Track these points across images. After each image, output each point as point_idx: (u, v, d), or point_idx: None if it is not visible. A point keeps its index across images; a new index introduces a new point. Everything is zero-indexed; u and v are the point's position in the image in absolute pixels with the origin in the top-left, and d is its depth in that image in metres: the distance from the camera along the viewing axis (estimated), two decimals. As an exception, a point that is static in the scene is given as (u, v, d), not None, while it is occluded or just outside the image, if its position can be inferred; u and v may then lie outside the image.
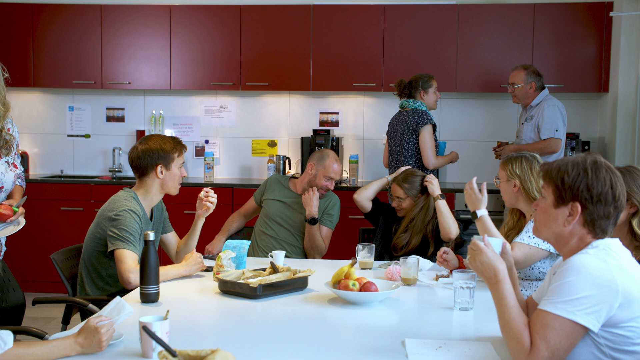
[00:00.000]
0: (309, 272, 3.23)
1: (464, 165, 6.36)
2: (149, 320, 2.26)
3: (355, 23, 6.38)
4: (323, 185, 4.49)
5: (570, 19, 6.22)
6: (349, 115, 6.80)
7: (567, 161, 2.25)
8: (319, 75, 6.44)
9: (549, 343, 2.05)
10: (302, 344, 2.49)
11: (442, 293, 3.27)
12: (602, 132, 6.42)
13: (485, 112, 6.66)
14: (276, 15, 6.46)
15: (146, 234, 2.97)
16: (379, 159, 6.68)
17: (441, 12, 6.32)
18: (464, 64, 6.31)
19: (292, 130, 6.84)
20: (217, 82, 6.57)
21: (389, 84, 6.33)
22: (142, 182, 3.59)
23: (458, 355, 2.29)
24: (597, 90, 6.26)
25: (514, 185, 3.47)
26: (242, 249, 3.50)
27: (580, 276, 2.07)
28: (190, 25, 6.55)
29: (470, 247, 2.30)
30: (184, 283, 3.37)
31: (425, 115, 5.32)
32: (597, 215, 2.18)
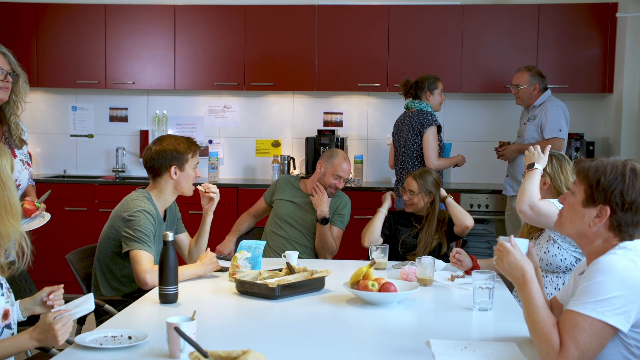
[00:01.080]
0: (326, 272, 3.23)
1: (468, 166, 6.34)
2: (177, 320, 2.25)
3: (360, 23, 6.38)
4: (332, 184, 4.51)
5: (574, 19, 6.23)
6: (353, 115, 6.80)
7: (606, 163, 2.24)
8: (323, 76, 6.44)
9: (579, 343, 2.06)
10: (324, 345, 2.49)
11: (458, 293, 3.28)
12: (606, 132, 6.43)
13: (489, 113, 6.67)
14: (281, 15, 6.45)
15: (165, 235, 2.97)
16: (383, 160, 6.69)
17: (446, 13, 6.32)
18: (468, 65, 6.32)
19: (296, 131, 6.84)
20: (222, 82, 6.56)
21: (393, 84, 6.34)
22: (156, 182, 3.58)
23: (484, 355, 2.29)
24: (601, 91, 6.28)
25: (544, 183, 3.47)
26: (258, 249, 3.50)
27: (609, 276, 2.08)
28: (195, 25, 6.53)
29: (497, 248, 2.30)
30: (199, 283, 3.36)
31: (430, 116, 5.32)
32: (625, 222, 2.19)
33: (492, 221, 6.16)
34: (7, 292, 2.48)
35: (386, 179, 6.70)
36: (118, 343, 2.38)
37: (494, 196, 6.12)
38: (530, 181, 3.38)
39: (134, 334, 2.43)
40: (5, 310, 2.43)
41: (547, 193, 3.47)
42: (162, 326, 2.60)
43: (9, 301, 2.46)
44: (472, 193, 6.14)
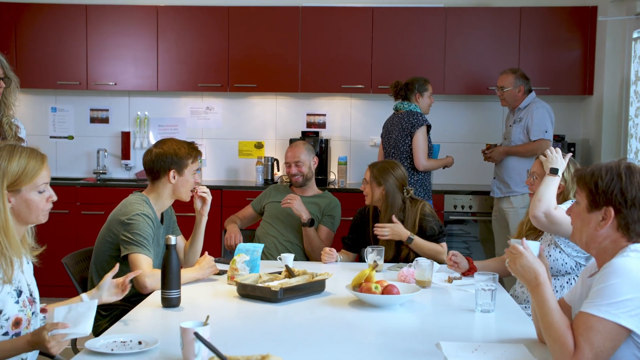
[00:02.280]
0: (327, 275, 3.24)
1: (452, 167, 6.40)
2: (190, 325, 2.24)
3: (344, 25, 6.40)
4: (288, 172, 4.67)
5: (555, 22, 6.31)
6: (336, 117, 6.81)
7: (600, 166, 2.29)
8: (307, 77, 6.44)
9: (593, 345, 2.08)
10: (332, 348, 2.50)
11: (457, 295, 3.30)
12: (586, 134, 6.53)
13: (472, 114, 6.73)
14: (264, 17, 6.44)
15: (168, 238, 2.95)
16: (366, 161, 6.62)
17: (429, 15, 6.36)
18: (451, 67, 6.36)
19: (279, 132, 6.83)
20: (205, 83, 6.54)
21: (377, 86, 6.37)
22: (154, 186, 3.56)
23: (496, 357, 2.32)
24: (581, 93, 6.37)
25: (558, 188, 3.43)
26: (256, 252, 3.50)
27: (623, 279, 2.11)
28: (178, 26, 6.50)
29: (509, 250, 2.33)
30: (198, 287, 3.35)
31: (420, 116, 5.36)
32: (632, 219, 2.22)
33: (475, 222, 6.20)
34: (28, 301, 2.46)
35: (370, 181, 6.71)
36: (129, 348, 2.37)
37: (477, 197, 6.18)
38: (549, 187, 3.31)
39: (144, 339, 2.42)
40: (17, 318, 2.40)
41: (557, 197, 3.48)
42: (170, 330, 2.61)
43: (24, 310, 2.43)
44: (456, 194, 6.19)
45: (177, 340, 2.35)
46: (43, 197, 2.53)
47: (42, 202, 2.53)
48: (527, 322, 2.83)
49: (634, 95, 5.74)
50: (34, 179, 2.47)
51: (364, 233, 4.24)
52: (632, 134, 5.76)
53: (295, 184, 4.65)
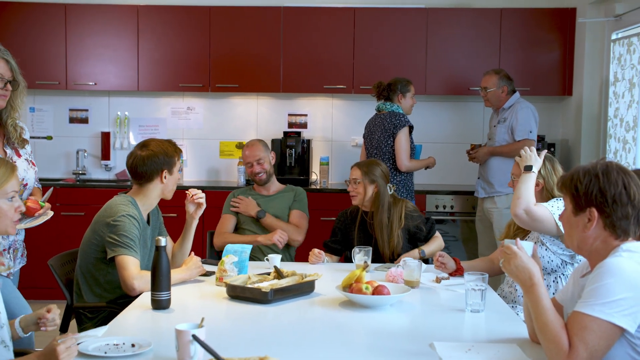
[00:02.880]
0: (317, 276, 3.24)
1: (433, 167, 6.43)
2: (185, 327, 2.23)
3: (326, 25, 6.40)
4: (250, 172, 4.69)
5: (535, 24, 6.37)
6: (317, 117, 6.81)
7: (579, 169, 2.34)
8: (289, 77, 6.43)
9: (588, 345, 2.10)
10: (325, 348, 2.50)
11: (445, 295, 3.32)
12: (565, 134, 6.59)
13: (453, 115, 6.77)
14: (246, 17, 6.42)
15: (158, 240, 2.94)
16: (348, 161, 6.71)
17: (410, 16, 6.39)
18: (432, 67, 6.39)
19: (260, 132, 6.82)
20: (186, 83, 6.51)
21: (359, 86, 6.38)
22: (144, 187, 3.52)
23: (489, 357, 2.33)
24: (561, 94, 6.43)
25: (537, 185, 3.50)
26: (244, 253, 3.49)
27: (616, 278, 2.14)
28: (159, 25, 6.46)
29: (504, 250, 2.34)
30: (186, 288, 3.33)
31: (402, 117, 5.38)
32: (616, 217, 2.25)
33: (454, 222, 6.23)
34: None
35: (351, 181, 6.72)
36: (122, 351, 2.35)
37: (459, 197, 6.21)
38: (526, 184, 3.40)
39: (137, 342, 2.40)
40: None
41: (538, 195, 3.52)
42: (163, 332, 2.61)
43: None
44: (437, 194, 6.22)
45: (171, 342, 2.34)
46: (12, 206, 2.52)
47: (11, 211, 2.53)
48: (517, 322, 2.85)
49: (612, 96, 5.81)
50: (3, 186, 2.48)
51: (348, 237, 4.24)
52: (611, 134, 5.83)
53: (260, 182, 4.67)
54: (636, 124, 5.35)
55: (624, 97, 5.59)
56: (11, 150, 3.28)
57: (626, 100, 5.56)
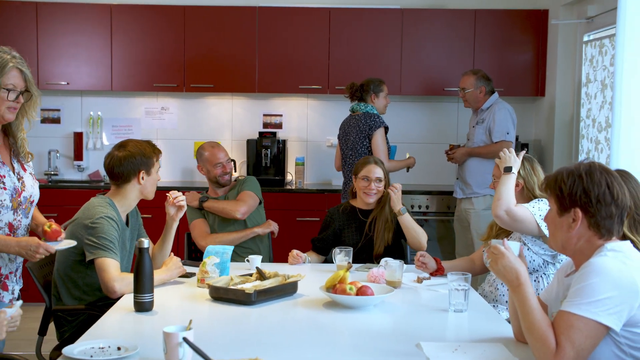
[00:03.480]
0: (300, 276, 3.23)
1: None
2: (173, 330, 2.21)
3: (301, 26, 6.40)
4: (219, 173, 4.61)
5: (508, 25, 6.43)
6: (292, 117, 6.81)
7: (563, 170, 2.37)
8: (264, 77, 6.42)
9: (575, 343, 2.13)
10: (311, 349, 2.50)
11: (427, 295, 3.33)
12: (538, 134, 6.66)
13: (428, 115, 6.81)
14: (221, 17, 6.40)
15: (140, 242, 2.91)
16: (323, 161, 6.75)
17: (386, 16, 6.41)
18: (408, 68, 6.42)
19: (235, 133, 6.80)
20: (161, 83, 6.46)
21: (334, 87, 6.38)
22: (121, 188, 3.49)
23: (476, 357, 2.34)
24: (534, 95, 6.50)
25: (517, 185, 3.54)
26: (226, 254, 3.47)
27: (602, 278, 2.16)
28: (132, 25, 6.40)
29: (491, 250, 2.36)
30: (167, 290, 3.30)
31: (377, 118, 5.40)
32: (600, 216, 2.28)
33: (426, 221, 6.25)
34: None
35: (327, 181, 6.74)
36: (108, 354, 2.32)
37: (434, 197, 6.24)
38: (506, 186, 3.45)
39: (123, 345, 2.38)
40: None
41: (519, 196, 3.56)
42: (147, 335, 2.59)
43: None
44: (413, 194, 6.24)
45: (157, 345, 2.33)
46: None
47: None
48: (500, 322, 2.88)
49: (585, 97, 5.88)
50: None
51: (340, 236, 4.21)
52: (584, 134, 5.90)
53: (226, 183, 4.63)
54: (608, 125, 5.43)
55: (596, 98, 5.67)
56: (18, 165, 3.11)
57: (598, 101, 5.64)
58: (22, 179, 3.07)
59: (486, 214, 5.48)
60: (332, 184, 6.63)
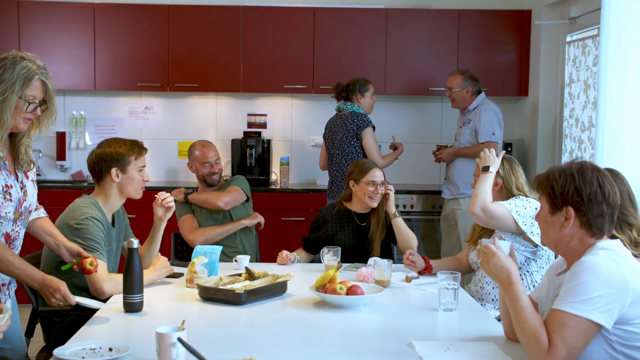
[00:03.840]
0: (289, 276, 3.23)
1: (392, 167, 6.46)
2: (166, 330, 2.20)
3: (286, 25, 6.39)
4: (206, 173, 4.59)
5: (492, 25, 6.46)
6: (277, 117, 6.80)
7: (554, 169, 2.39)
8: (249, 77, 6.41)
9: (567, 341, 2.15)
10: (304, 349, 2.50)
11: (417, 294, 3.34)
12: (521, 134, 6.70)
13: (412, 115, 6.83)
14: (205, 16, 6.38)
15: (130, 242, 2.91)
16: (307, 161, 6.75)
17: (370, 16, 6.42)
18: (392, 67, 6.43)
19: (219, 132, 6.78)
20: (144, 83, 6.43)
21: (319, 86, 6.39)
22: (101, 187, 3.47)
23: (469, 356, 2.36)
24: (517, 94, 6.53)
25: (495, 184, 3.58)
26: (214, 254, 3.46)
27: (594, 276, 2.18)
28: (116, 24, 6.36)
29: (482, 250, 2.37)
30: (156, 290, 3.29)
31: (364, 118, 5.41)
32: (592, 215, 2.30)
33: (413, 221, 6.27)
34: None
35: (311, 181, 6.74)
36: (100, 355, 2.31)
37: (419, 197, 6.26)
38: (484, 184, 3.51)
39: (115, 346, 2.36)
40: None
41: (498, 194, 3.59)
42: (139, 336, 2.59)
43: None
44: (397, 194, 6.23)
45: (149, 345, 2.33)
46: None
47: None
48: (490, 320, 2.89)
49: (568, 97, 5.93)
50: None
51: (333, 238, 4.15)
52: (567, 134, 5.95)
53: (214, 183, 4.62)
54: (592, 124, 5.47)
55: (579, 98, 5.72)
56: (21, 173, 3.01)
57: (581, 101, 5.68)
58: (24, 187, 3.02)
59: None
60: (316, 183, 6.64)
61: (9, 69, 2.75)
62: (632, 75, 4.18)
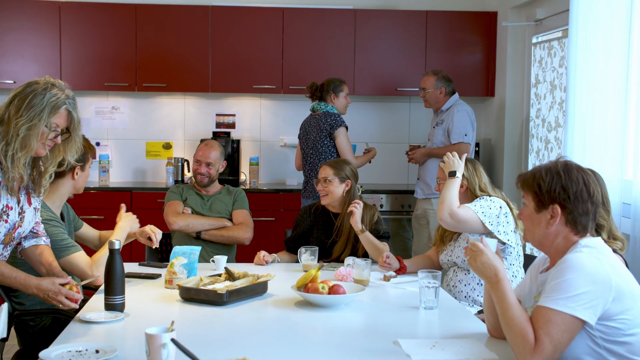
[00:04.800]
0: (270, 276, 3.23)
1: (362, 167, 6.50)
2: (155, 331, 2.19)
3: (255, 25, 6.38)
4: (195, 170, 4.62)
5: (459, 26, 6.53)
6: (245, 117, 6.79)
7: (540, 168, 2.43)
8: (218, 77, 6.39)
9: (553, 338, 2.19)
10: (290, 348, 2.50)
11: (396, 293, 3.37)
12: (487, 134, 6.79)
13: (381, 115, 6.87)
14: (174, 15, 6.34)
15: (111, 243, 2.87)
16: (277, 161, 6.76)
17: (339, 17, 6.44)
18: (361, 68, 6.47)
19: (187, 132, 6.74)
20: (112, 82, 6.37)
21: (288, 87, 6.39)
22: (53, 184, 3.35)
23: (455, 353, 2.38)
24: (483, 95, 6.62)
25: (461, 186, 3.63)
26: (193, 255, 3.45)
27: (578, 274, 2.23)
28: (82, 23, 6.29)
29: (469, 248, 2.40)
30: (136, 291, 3.25)
31: (338, 118, 5.43)
32: (577, 213, 2.35)
33: (387, 220, 6.32)
34: None
35: (281, 181, 6.74)
36: (87, 358, 2.29)
37: (389, 196, 6.31)
38: (450, 190, 3.57)
39: (101, 348, 2.34)
40: None
41: (463, 196, 3.64)
42: (121, 337, 2.57)
43: None
44: (368, 193, 6.28)
45: (134, 347, 2.33)
46: None
47: None
48: (470, 318, 2.93)
49: (534, 98, 6.03)
50: None
51: (308, 234, 4.17)
52: (534, 134, 6.05)
53: (200, 183, 4.62)
54: (558, 124, 5.57)
55: (546, 99, 5.82)
56: (25, 197, 2.99)
57: (548, 102, 5.78)
58: (23, 212, 2.99)
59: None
60: (286, 183, 6.64)
61: (39, 95, 2.81)
62: (600, 76, 4.25)
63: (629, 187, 4.01)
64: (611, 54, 4.17)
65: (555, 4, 5.63)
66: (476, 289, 3.59)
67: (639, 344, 2.26)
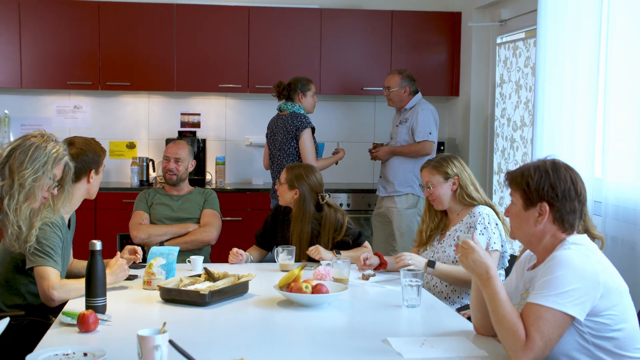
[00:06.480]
0: (251, 276, 3.21)
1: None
2: (147, 333, 2.15)
3: (220, 24, 6.33)
4: (164, 167, 4.61)
5: (424, 26, 6.58)
6: (210, 116, 6.74)
7: (528, 166, 2.46)
8: (183, 76, 6.32)
9: (543, 334, 2.22)
10: (277, 348, 2.50)
11: (376, 291, 3.37)
12: (452, 133, 6.85)
13: (346, 114, 6.88)
14: (138, 13, 6.26)
15: (92, 244, 2.81)
16: (242, 161, 6.73)
17: (305, 16, 6.43)
18: (327, 67, 6.47)
19: (152, 132, 6.66)
20: (74, 81, 6.25)
21: (254, 86, 6.36)
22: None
23: (445, 350, 2.40)
24: (448, 94, 6.68)
25: (453, 184, 3.62)
26: (171, 255, 3.40)
27: (567, 270, 2.26)
28: (43, 19, 6.16)
29: (461, 245, 2.42)
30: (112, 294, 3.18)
31: (304, 118, 5.41)
32: (565, 211, 2.39)
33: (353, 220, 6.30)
34: None
35: (247, 180, 6.71)
36: (75, 361, 2.24)
37: (354, 195, 6.32)
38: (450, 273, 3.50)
39: (89, 351, 2.29)
40: None
41: (453, 196, 3.63)
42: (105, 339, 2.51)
43: None
44: (333, 192, 6.29)
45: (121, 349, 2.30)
46: None
47: None
48: (452, 315, 2.95)
49: (499, 97, 6.10)
50: None
51: (274, 232, 4.20)
52: (499, 133, 6.12)
53: (169, 181, 4.60)
54: (524, 124, 5.65)
55: (511, 98, 5.89)
56: None
57: (513, 101, 5.86)
58: None
59: (408, 213, 5.59)
60: (252, 183, 6.61)
61: (40, 147, 2.91)
62: (569, 75, 4.31)
63: (600, 185, 4.08)
64: (580, 53, 4.23)
65: (520, 5, 5.71)
66: (456, 290, 3.59)
67: (625, 339, 2.31)
